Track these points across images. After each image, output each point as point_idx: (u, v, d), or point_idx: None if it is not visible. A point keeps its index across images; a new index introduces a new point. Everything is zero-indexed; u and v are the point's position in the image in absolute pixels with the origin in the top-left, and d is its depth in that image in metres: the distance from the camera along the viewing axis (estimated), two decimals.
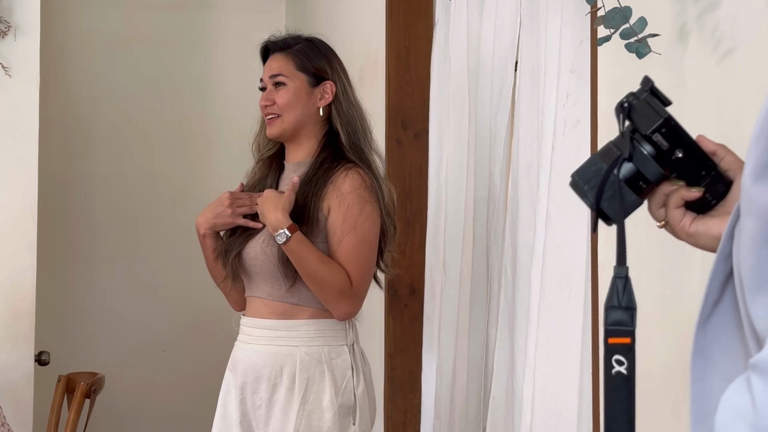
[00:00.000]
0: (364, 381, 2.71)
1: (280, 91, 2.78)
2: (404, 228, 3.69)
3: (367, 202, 2.67)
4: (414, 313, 3.66)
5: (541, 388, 2.57)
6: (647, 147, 1.24)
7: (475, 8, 3.29)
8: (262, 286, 2.72)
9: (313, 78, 2.79)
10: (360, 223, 2.66)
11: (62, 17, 5.14)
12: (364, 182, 2.68)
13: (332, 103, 2.78)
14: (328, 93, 2.78)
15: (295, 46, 2.83)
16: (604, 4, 1.85)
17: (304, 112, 2.78)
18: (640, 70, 1.99)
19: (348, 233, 2.65)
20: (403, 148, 3.74)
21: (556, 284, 2.54)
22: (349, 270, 2.65)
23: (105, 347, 5.09)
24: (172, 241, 5.18)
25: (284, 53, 2.82)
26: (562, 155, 2.55)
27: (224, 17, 5.45)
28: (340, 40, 4.46)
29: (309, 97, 2.78)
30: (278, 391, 2.66)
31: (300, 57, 2.81)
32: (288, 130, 2.78)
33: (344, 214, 2.65)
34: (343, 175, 2.68)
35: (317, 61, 2.81)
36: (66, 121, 5.16)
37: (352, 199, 2.65)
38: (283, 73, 2.79)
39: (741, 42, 1.76)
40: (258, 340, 2.72)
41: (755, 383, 0.84)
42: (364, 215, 2.66)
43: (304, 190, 2.69)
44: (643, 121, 1.24)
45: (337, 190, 2.66)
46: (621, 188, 1.24)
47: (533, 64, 2.76)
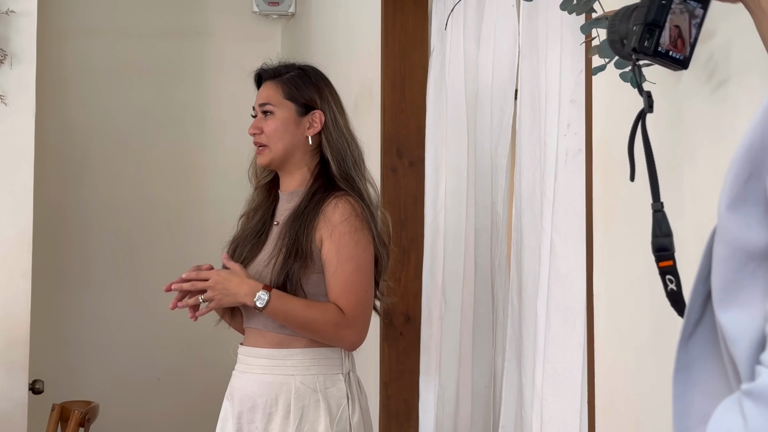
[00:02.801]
0: (360, 410, 2.70)
1: (269, 120, 2.79)
2: (399, 256, 3.69)
3: (358, 231, 2.67)
4: (409, 341, 3.66)
5: (548, 417, 2.57)
6: None
7: (472, 37, 3.30)
8: (257, 317, 2.72)
9: (301, 107, 2.79)
10: (353, 252, 2.65)
11: (58, 46, 5.15)
12: (354, 210, 2.67)
13: (322, 132, 2.78)
14: (317, 122, 2.78)
15: (286, 74, 2.83)
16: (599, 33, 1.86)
17: (292, 141, 2.77)
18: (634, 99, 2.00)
19: (342, 263, 2.64)
20: (398, 176, 3.75)
21: (561, 315, 2.54)
22: (346, 300, 2.64)
23: (99, 375, 5.07)
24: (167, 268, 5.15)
25: (274, 81, 2.83)
26: (564, 185, 2.55)
27: (220, 46, 5.47)
28: (336, 68, 4.48)
29: (297, 126, 2.78)
30: (273, 420, 2.65)
31: (289, 86, 2.81)
32: (276, 159, 2.78)
33: (337, 244, 2.64)
34: (333, 205, 2.67)
35: (306, 90, 2.81)
36: (62, 148, 5.16)
37: (344, 229, 2.65)
38: (272, 102, 2.80)
39: (735, 72, 1.76)
40: (254, 369, 2.72)
41: (748, 409, 0.86)
42: (357, 244, 2.66)
43: (297, 224, 2.69)
44: None
45: (328, 220, 2.66)
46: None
47: (533, 94, 2.77)
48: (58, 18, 5.15)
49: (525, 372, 2.78)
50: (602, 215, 2.24)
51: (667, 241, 1.51)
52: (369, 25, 3.95)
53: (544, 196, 2.64)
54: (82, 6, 5.30)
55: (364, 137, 3.97)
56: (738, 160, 0.91)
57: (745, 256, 0.90)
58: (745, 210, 0.91)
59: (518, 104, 2.84)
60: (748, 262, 0.90)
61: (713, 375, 0.98)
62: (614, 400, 2.20)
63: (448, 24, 3.29)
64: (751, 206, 0.91)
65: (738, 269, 0.91)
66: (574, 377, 2.50)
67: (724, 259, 0.93)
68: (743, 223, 0.90)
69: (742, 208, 0.90)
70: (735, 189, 0.91)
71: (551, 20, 2.64)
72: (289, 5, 5.39)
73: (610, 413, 2.22)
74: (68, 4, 5.25)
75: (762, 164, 0.89)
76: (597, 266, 2.29)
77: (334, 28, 4.66)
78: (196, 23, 5.50)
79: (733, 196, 0.91)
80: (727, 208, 0.91)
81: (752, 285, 0.91)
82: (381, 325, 3.69)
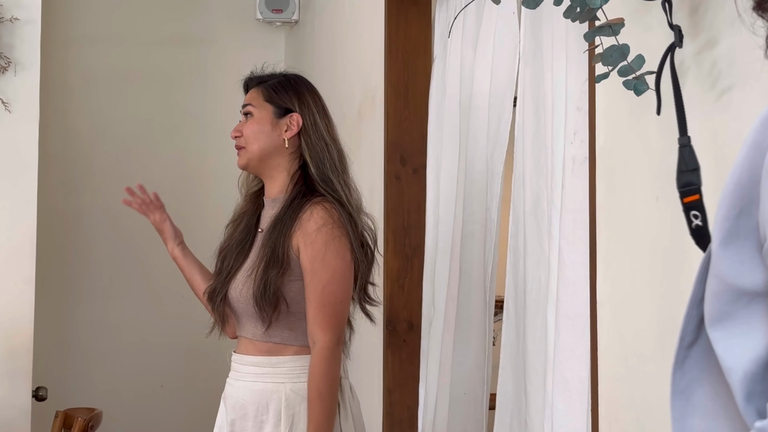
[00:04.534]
0: (351, 416, 2.70)
1: (247, 122, 2.82)
2: (403, 263, 3.69)
3: (335, 239, 2.66)
4: (412, 349, 3.66)
5: (559, 426, 2.56)
6: None
7: (469, 45, 3.30)
8: (246, 326, 2.74)
9: (279, 109, 2.80)
10: (329, 262, 2.64)
11: (62, 53, 5.16)
12: (331, 217, 2.67)
13: (301, 135, 2.79)
14: (294, 125, 2.78)
15: (270, 81, 2.86)
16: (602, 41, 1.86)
17: (268, 143, 2.78)
18: (638, 106, 2.00)
19: (317, 273, 2.63)
20: (402, 184, 3.75)
21: (570, 321, 2.54)
22: (322, 312, 2.62)
23: (103, 382, 5.07)
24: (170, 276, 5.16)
25: (258, 87, 2.86)
26: (571, 192, 2.55)
27: (224, 53, 5.48)
28: (339, 76, 4.49)
29: (273, 128, 2.79)
30: (264, 428, 2.65)
31: (269, 90, 2.83)
32: (253, 161, 2.79)
33: (312, 253, 2.64)
34: (309, 212, 2.67)
35: (285, 94, 2.82)
36: (65, 156, 5.17)
37: (317, 238, 2.64)
38: (252, 104, 2.82)
39: (739, 79, 1.76)
40: (245, 376, 2.73)
41: None
42: (332, 252, 2.65)
43: (275, 232, 2.69)
44: None
45: (303, 228, 2.65)
46: None
47: (536, 101, 2.76)
48: (61, 26, 5.16)
49: (530, 380, 2.78)
50: (605, 223, 2.24)
51: (694, 176, 1.52)
52: (372, 33, 3.96)
53: (551, 204, 2.64)
54: (86, 14, 5.31)
55: (367, 144, 3.99)
56: (728, 197, 0.91)
57: (738, 292, 0.91)
58: (737, 245, 0.91)
59: (519, 111, 2.84)
60: (741, 297, 0.91)
61: (711, 397, 0.98)
62: (618, 409, 2.20)
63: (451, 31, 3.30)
64: (743, 241, 0.91)
65: (731, 302, 0.91)
66: (583, 385, 2.50)
67: (717, 293, 0.93)
68: (736, 259, 0.91)
69: (733, 243, 0.90)
70: (726, 225, 0.91)
71: (556, 28, 2.64)
72: (292, 12, 5.40)
73: (614, 421, 2.21)
74: (72, 11, 5.27)
75: (751, 200, 0.89)
76: (600, 274, 2.28)
77: (337, 36, 4.67)
78: (200, 30, 5.51)
79: (725, 233, 0.91)
80: (720, 245, 0.91)
81: (747, 316, 0.91)
82: (384, 332, 3.69)
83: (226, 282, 2.76)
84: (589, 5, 1.80)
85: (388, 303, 3.69)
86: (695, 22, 1.87)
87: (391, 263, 3.71)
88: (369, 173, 3.92)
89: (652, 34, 2.00)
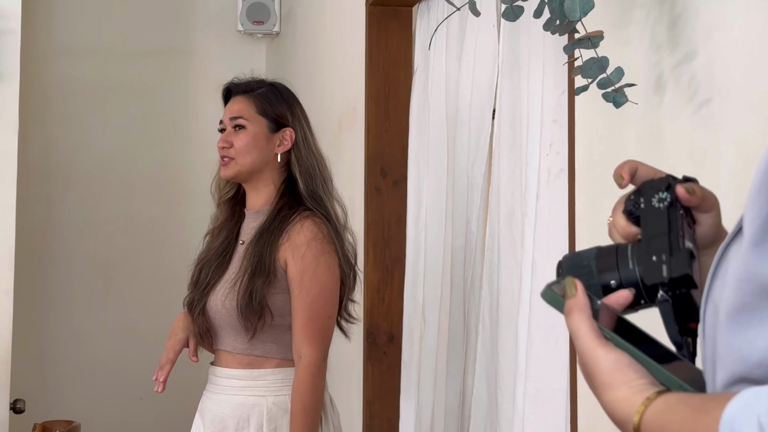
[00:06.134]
0: (333, 429, 2.69)
1: (240, 135, 2.77)
2: (383, 275, 3.69)
3: (325, 254, 2.65)
4: (392, 360, 3.65)
5: None
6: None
7: (454, 56, 3.31)
8: (226, 338, 2.72)
9: (273, 123, 2.78)
10: (318, 276, 2.63)
11: (42, 64, 5.15)
12: (321, 232, 2.66)
13: (291, 150, 2.77)
14: (287, 140, 2.77)
15: (258, 90, 2.83)
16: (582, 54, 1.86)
17: (261, 157, 2.76)
18: (617, 119, 2.01)
19: (306, 287, 2.62)
20: (382, 196, 3.75)
21: (543, 333, 2.54)
22: (309, 326, 2.61)
23: (81, 395, 5.05)
24: (150, 287, 5.16)
25: (246, 96, 2.82)
26: (546, 204, 2.55)
27: (205, 64, 5.47)
28: (320, 87, 4.49)
29: (267, 142, 2.77)
30: None
31: (262, 101, 2.80)
32: (242, 173, 2.76)
33: (301, 267, 2.63)
34: (299, 226, 2.65)
35: (279, 107, 2.80)
36: (45, 166, 5.15)
37: (309, 252, 2.63)
38: (244, 116, 2.78)
39: (717, 92, 1.77)
40: (225, 390, 2.70)
41: None
42: (322, 267, 2.64)
43: (261, 242, 2.68)
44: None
45: (292, 241, 2.64)
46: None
47: (513, 113, 2.77)
48: (42, 37, 5.15)
49: (501, 391, 2.78)
50: (585, 235, 2.24)
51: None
52: (353, 45, 3.96)
53: (525, 216, 2.64)
54: (67, 25, 5.30)
55: (347, 156, 3.98)
56: (757, 195, 0.90)
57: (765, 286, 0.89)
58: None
59: (497, 123, 2.85)
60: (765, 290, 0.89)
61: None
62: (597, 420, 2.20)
63: (432, 43, 3.30)
64: None
65: (755, 294, 0.89)
66: (557, 397, 2.50)
67: (742, 281, 0.91)
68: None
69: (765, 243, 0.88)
70: (758, 222, 0.89)
71: (533, 40, 2.65)
72: (273, 24, 5.40)
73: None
74: (52, 23, 5.25)
75: None
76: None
77: (318, 47, 4.67)
78: (181, 42, 5.50)
79: (758, 230, 0.89)
80: (752, 244, 0.89)
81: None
82: (364, 344, 3.68)
83: (205, 294, 2.74)
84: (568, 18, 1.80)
85: (368, 315, 3.68)
86: (674, 35, 1.88)
87: (371, 275, 3.70)
88: (349, 185, 3.91)
89: (632, 47, 2.01)
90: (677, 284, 1.06)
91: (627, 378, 0.96)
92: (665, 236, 1.08)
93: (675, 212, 1.10)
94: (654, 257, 1.07)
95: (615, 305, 1.06)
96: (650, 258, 1.07)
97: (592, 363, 0.99)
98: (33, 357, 4.96)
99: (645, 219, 1.11)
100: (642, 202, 1.12)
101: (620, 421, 0.95)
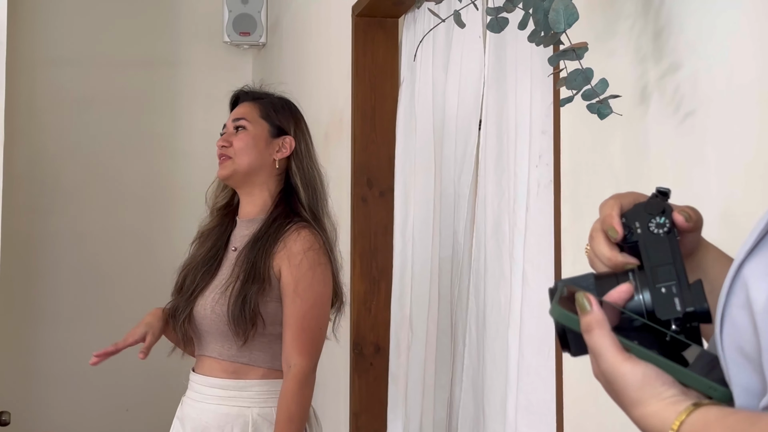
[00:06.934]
0: None
1: (240, 135, 2.77)
2: (369, 286, 3.69)
3: (320, 265, 2.64)
4: (379, 372, 3.65)
5: None
6: None
7: (440, 67, 3.31)
8: (212, 345, 2.69)
9: (275, 128, 2.78)
10: (312, 286, 2.63)
11: (29, 75, 5.13)
12: (317, 242, 2.65)
13: (292, 159, 2.77)
14: (287, 147, 2.77)
15: (265, 98, 2.84)
16: (566, 65, 1.86)
17: (259, 160, 2.75)
18: (602, 130, 2.01)
19: (300, 297, 2.61)
20: (369, 206, 3.75)
21: (535, 345, 2.53)
22: (301, 336, 2.60)
23: (67, 407, 5.03)
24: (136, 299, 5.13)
25: (252, 101, 2.83)
26: (536, 215, 2.55)
27: (191, 75, 5.46)
28: (307, 98, 4.48)
29: (267, 146, 2.77)
30: None
31: (266, 107, 2.80)
32: (239, 173, 2.75)
33: (296, 276, 2.62)
34: (295, 235, 2.65)
35: (282, 115, 2.80)
36: (32, 178, 5.14)
37: (304, 262, 2.62)
38: (246, 118, 2.78)
39: (701, 104, 1.77)
40: (208, 399, 2.69)
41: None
42: (317, 277, 2.63)
43: (256, 247, 2.67)
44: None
45: (288, 250, 2.63)
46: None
47: (500, 124, 2.77)
48: (28, 47, 5.14)
49: (489, 403, 2.77)
50: (571, 246, 2.25)
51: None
52: (340, 56, 3.96)
53: (514, 227, 2.64)
54: (53, 35, 5.29)
55: (334, 167, 3.98)
56: None
57: None
58: None
59: (483, 134, 2.85)
60: None
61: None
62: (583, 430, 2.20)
63: (417, 54, 3.30)
64: None
65: None
66: (548, 408, 2.49)
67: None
68: None
69: None
70: None
71: (521, 51, 2.65)
72: (260, 35, 5.40)
73: None
74: (38, 33, 5.24)
75: None
76: None
77: (304, 58, 4.67)
78: (167, 53, 5.50)
79: None
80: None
81: None
82: (351, 355, 3.67)
83: (191, 300, 2.72)
84: (553, 29, 1.80)
85: (355, 326, 3.68)
86: (658, 46, 1.89)
87: (357, 286, 3.70)
88: (336, 196, 3.90)
89: (616, 59, 2.01)
90: (692, 318, 1.03)
91: (657, 391, 0.96)
92: (671, 266, 1.05)
93: (674, 238, 1.08)
94: (663, 289, 1.04)
95: (618, 300, 1.05)
96: (659, 289, 1.04)
97: (619, 380, 0.98)
98: (18, 368, 4.94)
99: (645, 247, 1.08)
100: (638, 227, 1.09)
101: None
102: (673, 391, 0.95)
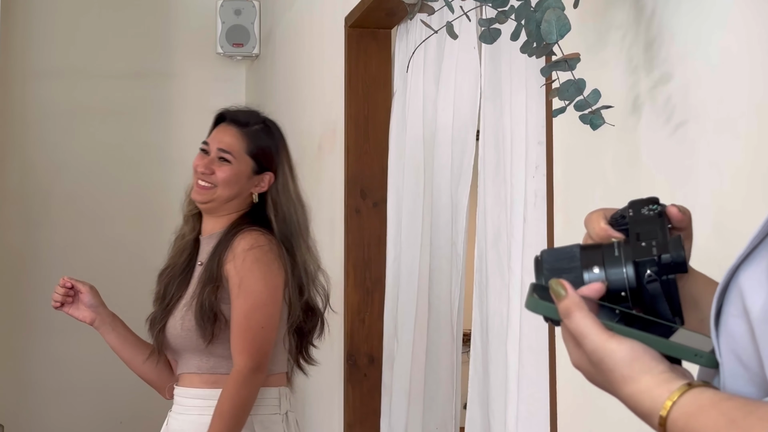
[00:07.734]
0: None
1: (223, 167, 2.78)
2: (363, 297, 3.69)
3: (262, 263, 2.65)
4: (373, 382, 3.64)
5: None
6: None
7: (431, 79, 3.31)
8: (191, 361, 2.71)
9: (258, 166, 2.80)
10: (254, 287, 2.63)
11: (20, 87, 5.13)
12: (261, 241, 2.67)
13: (269, 192, 2.79)
14: (266, 183, 2.79)
15: (253, 126, 2.83)
16: (559, 76, 1.87)
17: (238, 192, 2.78)
18: (594, 141, 2.02)
19: (242, 297, 2.63)
20: (362, 217, 3.75)
21: (534, 355, 2.53)
22: (243, 337, 2.61)
23: (61, 419, 5.02)
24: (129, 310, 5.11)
25: (240, 130, 2.82)
26: (534, 226, 2.55)
27: (184, 87, 5.47)
28: (300, 109, 4.49)
29: (248, 181, 2.79)
30: None
31: (252, 142, 2.80)
32: (217, 203, 2.78)
33: (240, 275, 2.63)
34: (240, 237, 2.67)
35: (267, 149, 2.81)
36: (23, 190, 5.13)
37: (246, 259, 2.64)
38: (233, 153, 2.79)
39: (692, 114, 1.78)
40: (190, 410, 2.70)
41: None
42: (257, 275, 2.64)
43: (213, 258, 2.70)
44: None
45: (233, 252, 2.66)
46: None
47: (497, 135, 2.77)
48: (19, 60, 5.14)
49: (493, 414, 2.77)
50: None
51: None
52: (333, 67, 3.97)
53: (511, 238, 2.64)
54: (45, 47, 5.29)
55: (327, 178, 3.99)
56: None
57: None
58: None
59: (481, 145, 2.85)
60: None
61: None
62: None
63: (410, 65, 3.31)
64: None
65: None
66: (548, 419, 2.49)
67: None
68: None
69: None
70: None
71: (515, 62, 2.66)
72: (253, 46, 5.40)
73: None
74: (30, 45, 5.24)
75: None
76: None
77: (297, 70, 4.68)
78: (160, 64, 5.50)
79: None
80: None
81: None
82: (345, 366, 3.67)
83: (167, 312, 2.74)
84: (545, 40, 1.81)
85: (349, 337, 3.68)
86: (649, 57, 1.89)
87: (351, 297, 3.70)
88: (329, 207, 3.91)
89: (608, 69, 2.02)
90: (668, 269, 1.01)
91: (647, 367, 0.93)
92: (657, 231, 1.05)
93: (664, 220, 1.08)
94: (644, 243, 1.03)
95: (591, 294, 1.02)
96: (639, 244, 1.04)
97: (606, 358, 0.95)
98: (11, 381, 4.93)
99: (634, 223, 1.08)
100: (631, 213, 1.09)
101: (644, 414, 0.93)
102: (663, 367, 0.93)
